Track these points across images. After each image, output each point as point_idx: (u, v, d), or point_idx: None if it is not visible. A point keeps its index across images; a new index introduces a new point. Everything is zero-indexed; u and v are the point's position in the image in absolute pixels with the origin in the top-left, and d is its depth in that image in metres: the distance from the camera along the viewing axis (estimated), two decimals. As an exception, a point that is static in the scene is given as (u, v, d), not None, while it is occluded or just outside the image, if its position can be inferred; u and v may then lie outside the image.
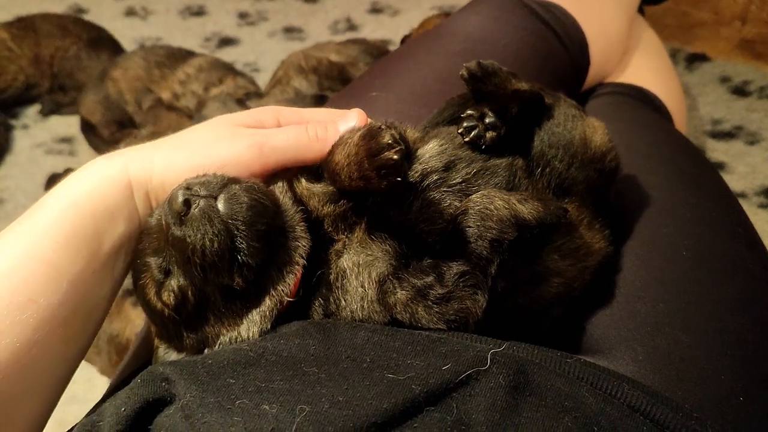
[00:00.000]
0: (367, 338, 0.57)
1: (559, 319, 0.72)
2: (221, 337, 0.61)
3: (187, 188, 0.58)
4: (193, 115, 1.99)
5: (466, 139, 0.68)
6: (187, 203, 0.57)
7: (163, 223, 0.60)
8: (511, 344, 0.59)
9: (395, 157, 0.59)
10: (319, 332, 0.59)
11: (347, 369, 0.54)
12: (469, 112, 0.69)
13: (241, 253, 0.58)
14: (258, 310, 0.61)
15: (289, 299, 0.61)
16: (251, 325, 0.61)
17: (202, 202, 0.57)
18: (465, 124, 0.68)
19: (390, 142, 0.59)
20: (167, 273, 0.60)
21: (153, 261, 0.61)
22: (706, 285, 0.75)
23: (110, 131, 2.12)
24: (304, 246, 0.62)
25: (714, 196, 0.90)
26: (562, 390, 0.55)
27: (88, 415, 0.60)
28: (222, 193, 0.58)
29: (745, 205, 0.98)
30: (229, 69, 2.18)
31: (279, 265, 0.61)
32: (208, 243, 0.57)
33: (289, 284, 0.61)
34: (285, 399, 0.50)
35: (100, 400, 0.70)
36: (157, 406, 0.53)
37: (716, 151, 1.89)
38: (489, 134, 0.68)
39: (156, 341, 0.67)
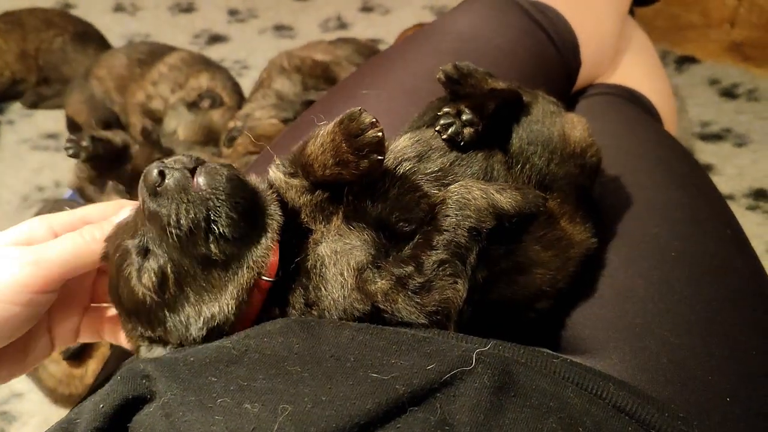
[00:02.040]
0: (351, 337, 0.57)
1: (546, 313, 0.72)
2: (203, 314, 0.61)
3: (162, 162, 0.59)
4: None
5: (444, 137, 0.68)
6: (162, 174, 0.58)
7: (140, 199, 0.60)
8: (497, 344, 0.59)
9: (379, 134, 0.59)
10: (303, 330, 0.58)
11: (331, 368, 0.53)
12: (445, 109, 0.69)
13: (219, 224, 0.59)
14: (235, 282, 0.61)
15: (268, 279, 0.61)
16: (230, 300, 0.61)
17: (176, 174, 0.58)
18: (442, 122, 0.68)
19: (373, 120, 0.60)
20: (146, 252, 0.61)
21: (131, 243, 0.61)
22: (694, 286, 0.75)
23: (96, 134, 2.09)
24: (278, 221, 0.63)
25: (703, 197, 0.91)
26: (547, 390, 0.55)
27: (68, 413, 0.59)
28: (201, 167, 0.59)
29: (733, 206, 0.99)
30: (203, 64, 2.09)
31: (255, 241, 0.61)
32: (183, 211, 0.58)
33: (265, 258, 0.61)
34: (267, 398, 0.50)
35: (81, 399, 0.69)
36: (137, 404, 0.52)
37: (705, 152, 1.90)
38: (467, 131, 0.67)
39: (138, 343, 0.66)
